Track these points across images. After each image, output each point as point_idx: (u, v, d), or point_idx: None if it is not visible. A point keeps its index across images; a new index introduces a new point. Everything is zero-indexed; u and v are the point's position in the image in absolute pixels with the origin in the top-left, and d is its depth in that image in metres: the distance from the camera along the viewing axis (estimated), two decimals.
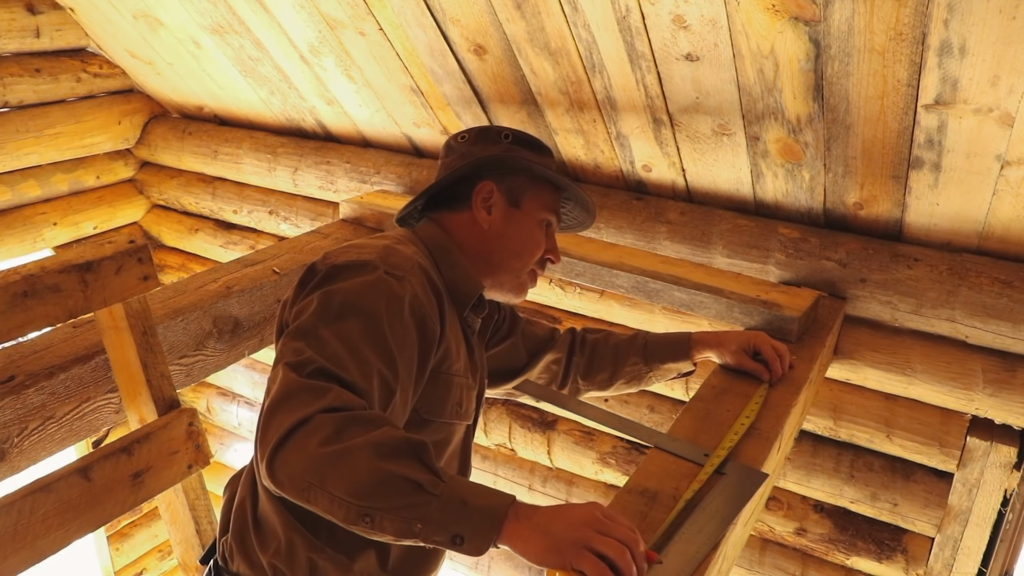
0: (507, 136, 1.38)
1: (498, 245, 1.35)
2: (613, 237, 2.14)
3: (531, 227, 1.36)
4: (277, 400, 0.97)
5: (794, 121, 1.68)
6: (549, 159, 1.41)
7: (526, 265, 1.37)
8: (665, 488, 1.19)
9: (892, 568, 2.04)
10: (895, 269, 1.79)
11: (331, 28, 2.16)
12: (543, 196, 1.38)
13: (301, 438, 0.92)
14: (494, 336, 1.59)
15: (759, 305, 1.73)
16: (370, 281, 1.10)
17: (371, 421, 0.94)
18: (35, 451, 1.50)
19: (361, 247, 1.19)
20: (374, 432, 0.92)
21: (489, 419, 2.61)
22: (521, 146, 1.38)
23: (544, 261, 1.41)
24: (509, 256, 1.36)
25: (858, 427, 1.97)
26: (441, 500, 0.89)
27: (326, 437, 0.91)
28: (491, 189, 1.34)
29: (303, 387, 0.97)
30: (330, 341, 1.03)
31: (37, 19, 2.70)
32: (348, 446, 0.90)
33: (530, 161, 1.35)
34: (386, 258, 1.16)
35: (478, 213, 1.34)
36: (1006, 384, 1.73)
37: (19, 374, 1.49)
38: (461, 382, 1.28)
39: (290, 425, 0.93)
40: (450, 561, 2.97)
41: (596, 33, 1.72)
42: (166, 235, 3.30)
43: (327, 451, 0.90)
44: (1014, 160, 1.52)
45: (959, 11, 1.30)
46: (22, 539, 1.38)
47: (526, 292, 1.42)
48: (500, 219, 1.35)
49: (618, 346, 1.62)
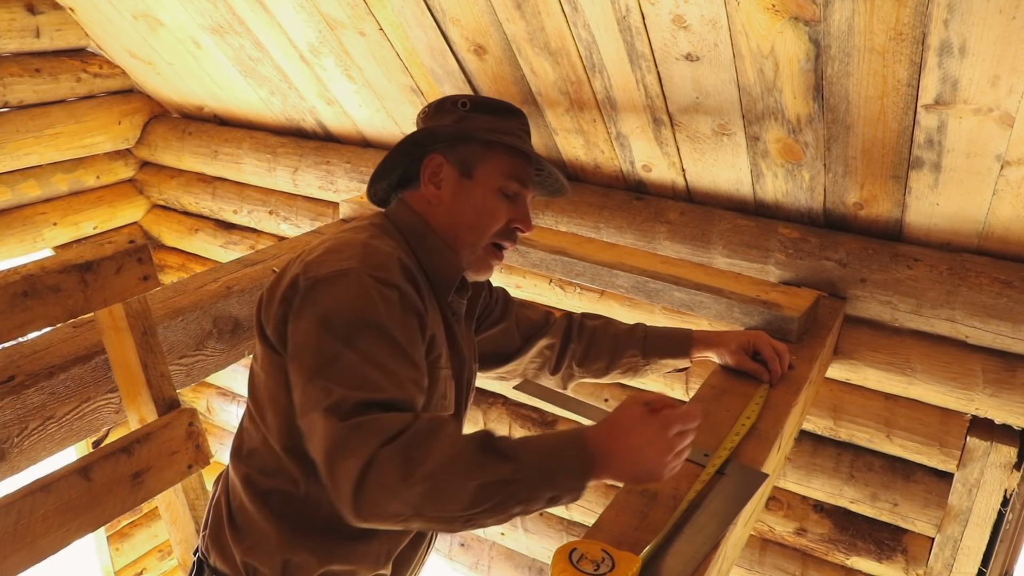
0: (464, 104, 1.30)
1: (452, 220, 1.29)
2: (613, 237, 2.14)
3: (485, 197, 1.28)
4: (331, 451, 0.96)
5: (794, 121, 1.68)
6: (512, 121, 1.32)
7: (481, 238, 1.29)
8: (665, 488, 1.19)
9: (892, 568, 2.04)
10: (895, 269, 1.79)
11: (331, 28, 2.16)
12: (499, 162, 1.28)
13: (376, 480, 0.93)
14: (486, 319, 1.56)
15: (759, 305, 1.73)
16: (361, 290, 1.08)
17: (429, 434, 0.96)
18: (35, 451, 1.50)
19: (339, 251, 1.15)
20: (440, 446, 0.95)
21: (489, 419, 2.61)
22: (480, 111, 1.30)
23: (512, 231, 1.32)
24: (463, 230, 1.28)
25: (858, 427, 1.97)
26: (526, 480, 0.95)
27: (400, 471, 0.93)
28: (439, 163, 1.28)
29: (351, 430, 0.96)
30: (350, 369, 1.02)
31: (37, 19, 2.70)
32: (427, 473, 0.93)
33: (480, 127, 1.27)
34: (367, 259, 1.12)
35: (426, 189, 1.29)
36: (1006, 384, 1.73)
37: (19, 374, 1.49)
38: (445, 374, 1.26)
39: (358, 472, 0.93)
40: (450, 561, 2.98)
41: (596, 33, 1.72)
42: (166, 235, 3.30)
43: (411, 486, 0.92)
44: (1014, 160, 1.52)
45: (959, 11, 1.30)
46: (22, 539, 1.38)
47: (489, 268, 1.34)
48: (450, 193, 1.28)
49: (618, 336, 1.60)
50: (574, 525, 2.62)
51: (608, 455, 0.98)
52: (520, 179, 1.30)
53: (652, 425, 1.00)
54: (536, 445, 0.99)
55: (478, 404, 2.62)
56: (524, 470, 0.95)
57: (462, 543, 2.95)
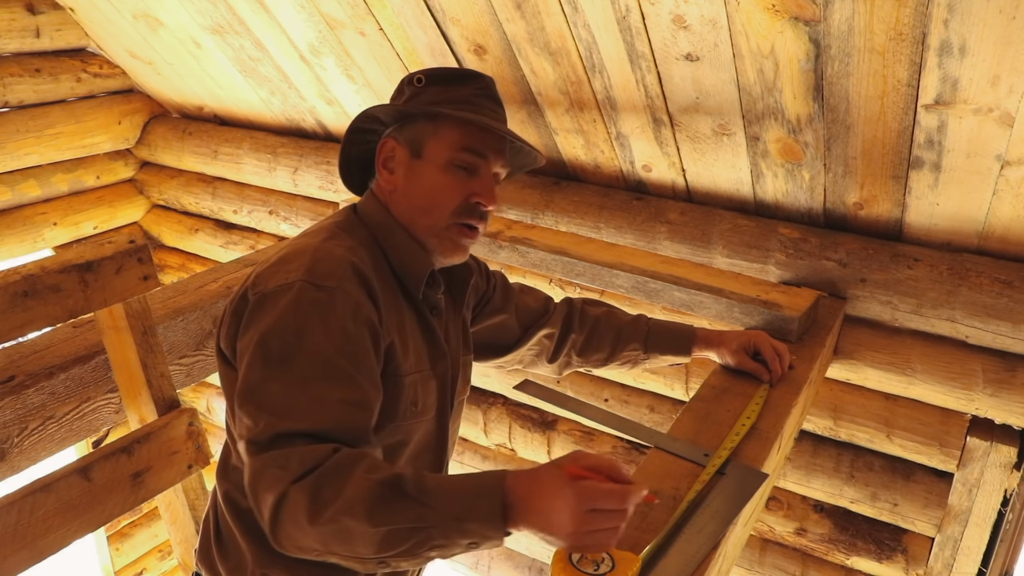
0: (419, 79, 1.21)
1: (407, 205, 1.21)
2: (613, 237, 2.14)
3: (435, 174, 1.18)
4: (251, 482, 0.96)
5: (794, 121, 1.68)
6: (464, 88, 1.21)
7: (439, 219, 1.19)
8: (665, 488, 1.19)
9: (892, 568, 2.04)
10: (895, 269, 1.79)
11: (331, 28, 2.16)
12: (448, 135, 1.18)
13: (287, 516, 0.92)
14: (484, 307, 1.50)
15: (759, 305, 1.73)
16: (302, 307, 1.03)
17: (341, 472, 0.92)
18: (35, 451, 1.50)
19: (288, 260, 1.10)
20: (349, 487, 0.91)
21: (489, 419, 2.61)
22: (433, 84, 1.21)
23: (474, 207, 1.20)
24: (418, 214, 1.20)
25: (858, 427, 1.97)
26: (436, 527, 0.91)
27: (308, 510, 0.91)
28: (391, 147, 1.21)
29: (267, 463, 0.95)
30: (277, 394, 0.99)
31: (37, 19, 2.70)
32: (333, 515, 0.90)
33: (426, 101, 1.19)
34: (314, 269, 1.07)
35: (382, 176, 1.22)
36: (1006, 384, 1.73)
37: (19, 374, 1.49)
38: (414, 379, 1.19)
39: (272, 506, 0.92)
40: (450, 561, 2.97)
41: (596, 33, 1.72)
42: (166, 235, 3.30)
43: (318, 525, 0.90)
44: (1014, 160, 1.52)
45: (959, 11, 1.30)
46: (22, 539, 1.39)
47: (461, 249, 1.24)
48: (403, 177, 1.20)
49: (620, 328, 1.56)
50: None
51: (525, 507, 0.92)
52: (474, 149, 1.19)
53: (566, 493, 0.90)
54: (451, 490, 0.93)
55: (478, 404, 2.62)
56: (433, 517, 0.91)
57: None
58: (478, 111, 1.20)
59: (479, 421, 2.63)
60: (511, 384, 2.43)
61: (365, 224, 1.22)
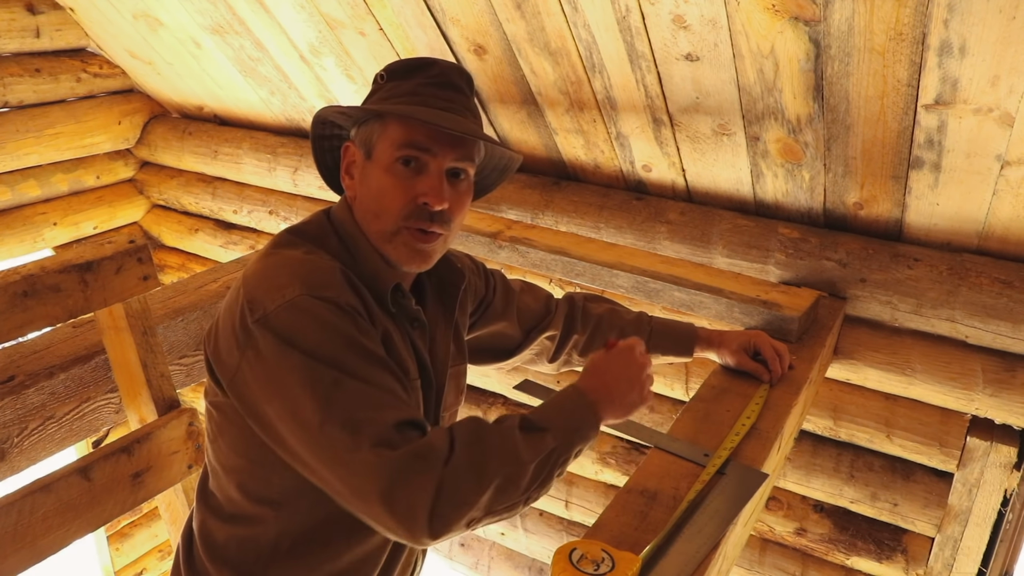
0: (382, 76, 1.15)
1: (361, 211, 1.14)
2: (613, 237, 2.14)
3: (380, 175, 1.10)
4: (390, 485, 0.92)
5: (794, 121, 1.68)
6: (412, 80, 1.12)
7: (387, 224, 1.10)
8: (665, 488, 1.19)
9: (892, 568, 2.04)
10: (895, 269, 1.79)
11: (331, 28, 2.16)
12: (393, 131, 1.09)
13: (449, 499, 0.93)
14: (484, 312, 1.45)
15: (759, 305, 1.73)
16: (318, 314, 1.00)
17: (476, 438, 0.99)
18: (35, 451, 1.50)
19: (277, 276, 1.04)
20: (492, 445, 0.99)
21: (489, 419, 2.61)
22: (391, 78, 1.14)
23: (421, 209, 1.09)
24: (370, 220, 1.12)
25: (858, 427, 1.97)
26: (563, 444, 1.04)
27: (472, 483, 0.95)
28: (352, 151, 1.14)
29: (407, 460, 0.93)
30: (362, 393, 0.97)
31: (37, 19, 2.70)
32: (494, 473, 0.97)
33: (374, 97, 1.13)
34: (309, 280, 1.02)
35: (344, 183, 1.16)
36: (1006, 384, 1.73)
37: (19, 374, 1.49)
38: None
39: (431, 498, 0.92)
40: (450, 561, 2.97)
41: (596, 33, 1.72)
42: (166, 235, 3.30)
43: (484, 491, 0.96)
44: (1014, 160, 1.52)
45: (959, 11, 1.30)
46: (22, 539, 1.38)
47: (419, 255, 1.13)
48: (359, 180, 1.13)
49: (623, 329, 1.55)
50: (574, 525, 2.62)
51: (604, 395, 1.12)
52: (416, 144, 1.08)
53: (620, 355, 1.17)
54: (556, 411, 1.08)
55: (478, 404, 2.62)
56: (561, 435, 1.04)
57: (462, 543, 2.95)
58: (424, 102, 1.10)
59: None
60: (511, 384, 2.43)
61: (337, 232, 1.16)
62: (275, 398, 0.99)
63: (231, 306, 1.07)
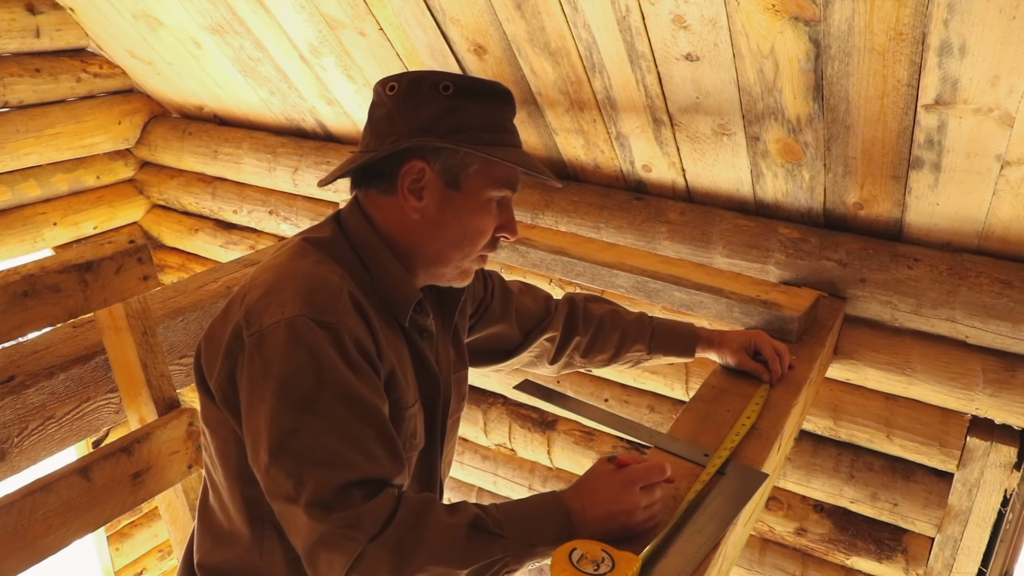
0: (447, 88, 1.08)
1: (433, 236, 1.12)
2: (613, 237, 2.14)
3: (474, 210, 1.11)
4: (313, 545, 0.92)
5: (794, 121, 1.68)
6: (504, 111, 1.13)
7: (469, 255, 1.15)
8: (665, 488, 1.19)
9: (892, 568, 2.04)
10: (895, 269, 1.79)
11: (331, 28, 2.16)
12: (493, 169, 1.11)
13: (365, 574, 0.91)
14: (482, 315, 1.44)
15: (759, 305, 1.73)
16: (312, 344, 0.97)
17: (417, 521, 0.94)
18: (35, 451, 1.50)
19: (280, 290, 1.02)
20: (430, 535, 0.93)
21: (489, 419, 2.61)
22: (466, 98, 1.09)
23: (495, 240, 1.17)
24: (447, 247, 1.13)
25: (858, 427, 1.97)
26: (513, 555, 0.97)
27: (392, 565, 0.91)
28: (422, 169, 1.09)
29: (335, 525, 0.91)
30: (315, 444, 0.94)
31: (37, 19, 2.70)
32: (419, 566, 0.92)
33: (471, 126, 1.08)
34: (312, 300, 1.00)
35: (405, 201, 1.11)
36: (1006, 384, 1.73)
37: (19, 374, 1.49)
38: (413, 411, 1.15)
39: (346, 569, 0.90)
40: None
41: (596, 33, 1.72)
42: (166, 235, 3.30)
43: None
44: (1014, 160, 1.52)
45: (959, 11, 1.30)
46: (22, 539, 1.38)
47: (471, 278, 1.21)
48: (434, 206, 1.11)
49: (626, 330, 1.54)
50: None
51: (583, 516, 1.02)
52: (511, 185, 1.14)
53: (617, 481, 1.03)
54: (521, 518, 1.00)
55: (478, 404, 2.62)
56: (512, 546, 0.97)
57: None
58: (514, 141, 1.14)
59: (479, 421, 2.63)
60: (511, 384, 2.43)
61: (350, 242, 1.13)
62: (246, 414, 1.01)
63: (232, 308, 1.07)
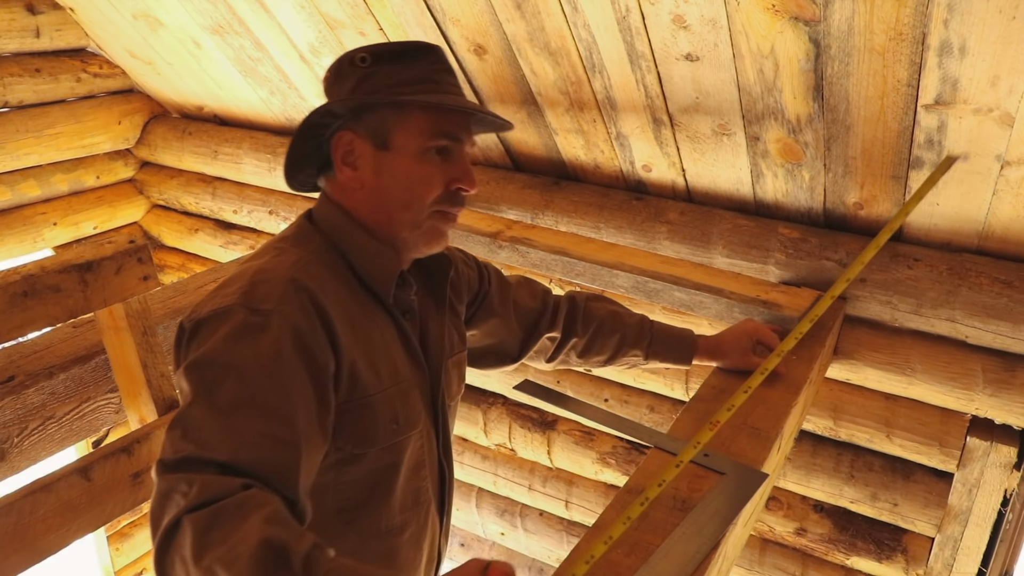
0: (363, 59, 1.10)
1: (380, 202, 1.12)
2: (613, 237, 2.14)
3: (410, 165, 1.10)
4: (153, 503, 0.89)
5: (794, 121, 1.68)
6: (418, 64, 1.12)
7: (420, 211, 1.12)
8: (665, 488, 1.19)
9: (892, 568, 2.04)
10: (895, 269, 1.79)
11: (331, 28, 2.16)
12: (417, 120, 1.10)
13: (174, 547, 0.83)
14: (480, 306, 1.43)
15: (759, 305, 1.73)
16: (234, 332, 0.96)
17: (238, 514, 0.82)
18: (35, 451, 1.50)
19: (228, 285, 1.03)
20: (238, 536, 0.80)
21: (489, 419, 2.61)
22: (382, 63, 1.10)
23: (454, 193, 1.14)
24: (396, 209, 1.12)
25: (858, 427, 1.97)
26: None
27: (193, 547, 0.81)
28: (349, 139, 1.11)
29: (172, 485, 0.87)
30: (201, 422, 0.91)
31: (37, 19, 2.70)
32: (210, 564, 0.79)
33: (383, 86, 1.08)
34: (251, 292, 1.00)
35: (342, 174, 1.12)
36: (1006, 384, 1.73)
37: (19, 374, 1.49)
38: (389, 395, 1.11)
39: (163, 532, 0.84)
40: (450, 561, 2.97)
41: (596, 33, 1.72)
42: (166, 235, 3.30)
43: (198, 569, 0.80)
44: (1014, 160, 1.52)
45: (959, 11, 1.30)
46: (22, 539, 1.38)
47: (444, 237, 1.18)
48: (370, 171, 1.11)
49: (624, 334, 1.54)
50: (574, 525, 2.62)
51: None
52: (448, 133, 1.12)
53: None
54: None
55: (478, 404, 2.62)
56: None
57: (462, 543, 2.95)
58: (442, 89, 1.12)
59: (479, 421, 2.63)
60: (511, 384, 2.43)
61: (321, 231, 1.14)
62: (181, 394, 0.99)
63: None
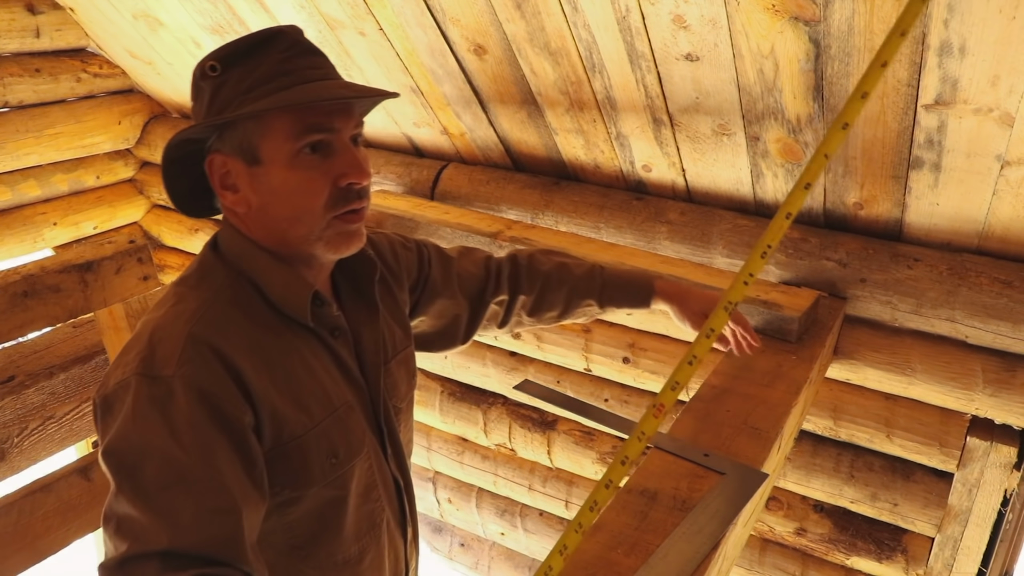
0: (212, 67, 1.00)
1: (268, 221, 1.02)
2: (613, 237, 2.14)
3: (285, 175, 0.99)
4: None
5: (794, 121, 1.68)
6: (265, 59, 1.00)
7: (315, 222, 1.02)
8: (665, 488, 1.19)
9: (892, 568, 2.04)
10: (895, 269, 1.79)
11: (331, 28, 2.16)
12: (280, 124, 0.98)
13: None
14: (424, 291, 1.35)
15: (759, 305, 1.73)
16: (140, 409, 0.91)
17: None
18: (35, 451, 1.51)
19: (129, 349, 0.97)
20: None
21: (489, 419, 2.61)
22: (231, 67, 1.00)
23: (347, 189, 1.02)
24: (288, 225, 1.02)
25: (858, 427, 1.97)
26: None
27: None
28: (221, 162, 1.01)
29: None
30: (131, 512, 0.87)
31: (37, 19, 2.70)
32: None
33: (232, 96, 0.99)
34: (151, 357, 0.94)
35: (226, 200, 1.03)
36: (1006, 384, 1.73)
37: (19, 374, 1.49)
38: (323, 428, 1.04)
39: None
40: (450, 561, 2.98)
41: (596, 33, 1.72)
42: (166, 235, 3.30)
43: None
44: (1014, 160, 1.52)
45: (959, 11, 1.30)
46: (22, 539, 1.39)
47: (354, 237, 1.06)
48: (250, 191, 1.01)
49: (575, 285, 1.48)
50: None
51: None
52: (316, 126, 0.99)
53: None
54: None
55: (478, 404, 2.62)
56: None
57: (462, 543, 2.95)
58: (299, 79, 1.00)
59: (479, 421, 2.63)
60: (511, 384, 2.43)
61: (225, 260, 1.05)
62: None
63: None
